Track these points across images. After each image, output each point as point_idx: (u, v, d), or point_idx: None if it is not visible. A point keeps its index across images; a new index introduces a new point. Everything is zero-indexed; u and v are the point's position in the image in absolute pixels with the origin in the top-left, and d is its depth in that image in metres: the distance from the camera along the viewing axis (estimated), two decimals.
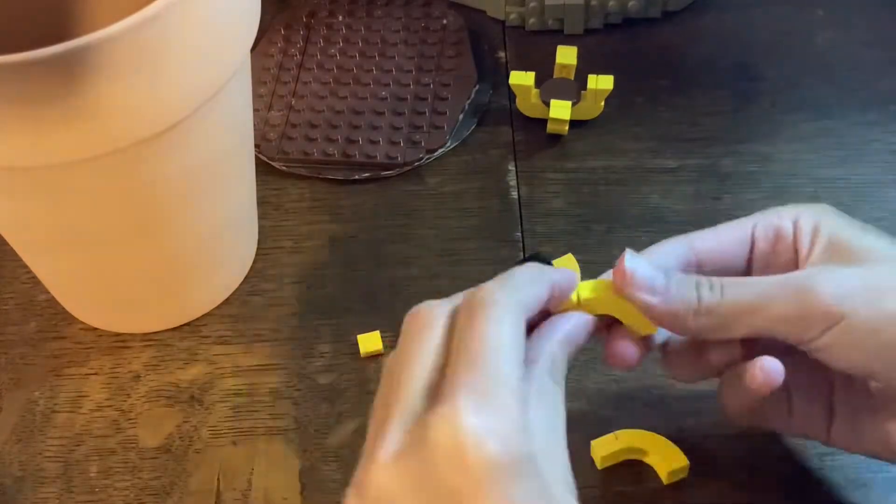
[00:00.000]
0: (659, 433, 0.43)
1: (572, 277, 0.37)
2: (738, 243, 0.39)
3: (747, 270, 0.39)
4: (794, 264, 0.38)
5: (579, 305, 0.36)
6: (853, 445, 0.39)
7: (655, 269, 0.36)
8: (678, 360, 0.39)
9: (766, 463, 0.43)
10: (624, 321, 0.37)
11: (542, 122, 0.56)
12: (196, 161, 0.42)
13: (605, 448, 0.42)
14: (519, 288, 0.35)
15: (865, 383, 0.37)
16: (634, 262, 0.36)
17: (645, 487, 0.42)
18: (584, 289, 0.37)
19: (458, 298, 0.36)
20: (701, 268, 0.39)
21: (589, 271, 0.50)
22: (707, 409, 0.44)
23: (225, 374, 0.48)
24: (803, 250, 0.37)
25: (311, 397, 0.47)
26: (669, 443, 0.42)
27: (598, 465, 0.42)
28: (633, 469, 0.43)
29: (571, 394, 0.36)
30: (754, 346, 0.38)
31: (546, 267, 0.37)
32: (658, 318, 0.36)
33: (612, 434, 0.43)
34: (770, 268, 0.38)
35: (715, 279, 0.36)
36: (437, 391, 0.32)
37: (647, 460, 0.43)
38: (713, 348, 0.38)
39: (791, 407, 0.39)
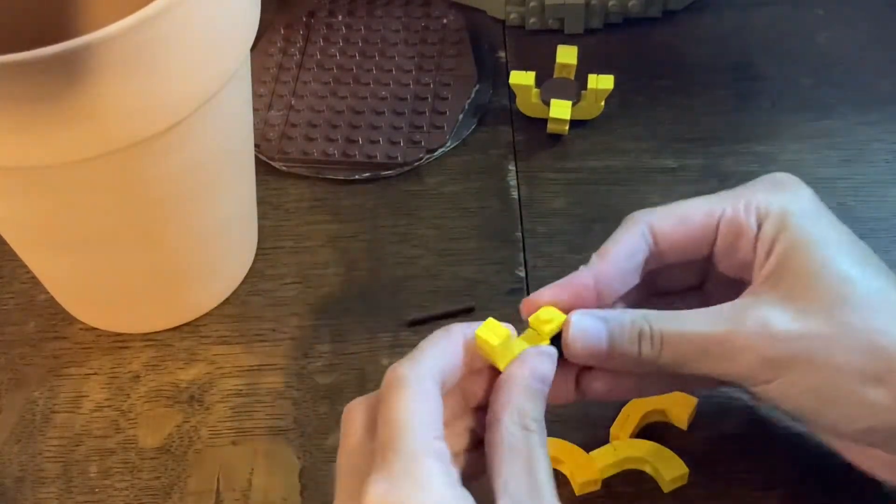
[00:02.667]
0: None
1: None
2: (703, 233, 0.38)
3: (708, 258, 0.38)
4: (748, 268, 0.37)
5: (496, 349, 0.35)
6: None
7: (598, 329, 0.36)
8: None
9: (767, 466, 0.43)
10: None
11: (542, 122, 0.56)
12: (196, 161, 0.42)
13: (603, 459, 0.42)
14: (424, 358, 0.34)
15: None
16: (576, 331, 0.36)
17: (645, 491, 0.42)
18: (489, 334, 0.35)
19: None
20: (662, 256, 0.38)
21: None
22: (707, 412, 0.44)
23: (225, 374, 0.48)
24: (758, 259, 0.36)
25: (311, 397, 0.46)
26: (667, 450, 0.42)
27: (599, 476, 0.42)
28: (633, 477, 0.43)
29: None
30: None
31: (453, 327, 0.36)
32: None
33: (609, 445, 0.43)
34: (728, 262, 0.38)
35: (655, 327, 0.36)
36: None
37: (647, 469, 0.43)
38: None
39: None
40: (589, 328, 0.36)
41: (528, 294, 0.49)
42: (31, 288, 0.51)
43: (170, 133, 0.39)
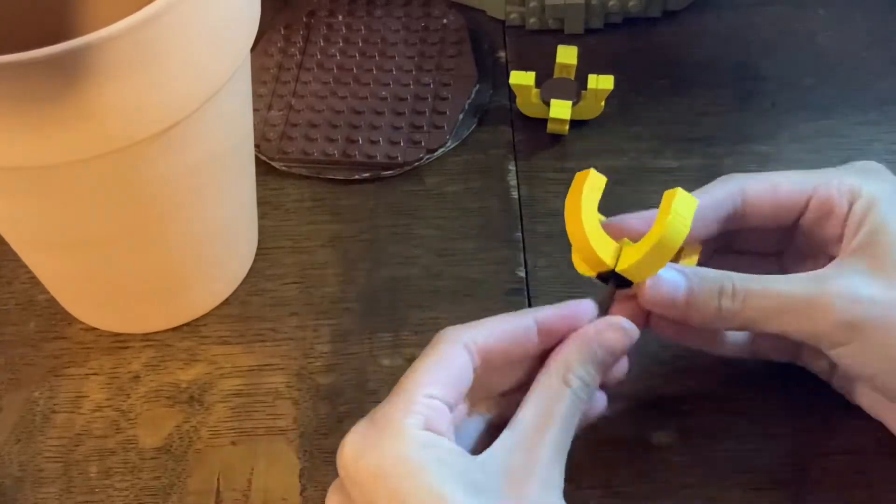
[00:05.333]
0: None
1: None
2: (793, 204, 0.40)
3: (790, 229, 0.41)
4: (837, 243, 0.39)
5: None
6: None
7: (677, 280, 0.38)
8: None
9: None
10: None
11: (543, 122, 0.56)
12: (196, 161, 0.42)
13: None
14: (475, 327, 0.36)
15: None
16: (657, 279, 0.38)
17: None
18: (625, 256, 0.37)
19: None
20: (746, 219, 0.40)
21: None
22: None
23: (225, 374, 0.48)
24: (847, 236, 0.39)
25: (311, 397, 0.46)
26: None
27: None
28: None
29: None
30: None
31: (527, 311, 0.38)
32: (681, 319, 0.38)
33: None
34: (814, 237, 0.40)
35: (738, 286, 0.38)
36: None
37: None
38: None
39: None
40: (665, 276, 0.38)
41: (529, 294, 0.49)
42: (31, 288, 0.51)
43: (170, 133, 0.39)
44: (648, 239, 0.37)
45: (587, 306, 0.38)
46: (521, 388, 0.37)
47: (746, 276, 0.38)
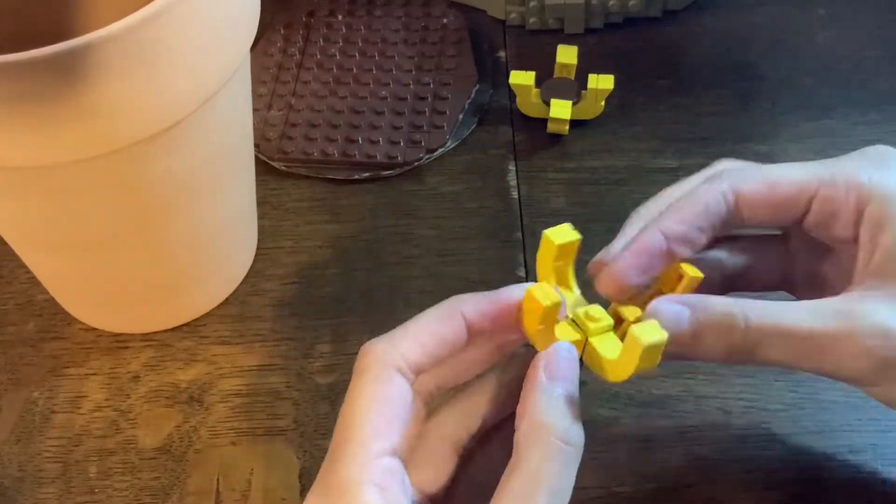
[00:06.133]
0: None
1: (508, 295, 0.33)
2: (793, 205, 0.35)
3: (795, 225, 0.36)
4: (845, 244, 0.35)
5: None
6: None
7: (679, 313, 0.33)
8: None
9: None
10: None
11: (543, 121, 0.56)
12: (196, 161, 0.42)
13: (560, 237, 0.35)
14: (403, 338, 0.32)
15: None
16: (658, 308, 0.33)
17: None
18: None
19: None
20: (742, 220, 0.35)
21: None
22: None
23: (225, 375, 0.48)
24: (863, 248, 0.34)
25: (311, 397, 0.46)
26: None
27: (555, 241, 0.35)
28: None
29: None
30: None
31: (451, 300, 0.33)
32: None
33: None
34: (819, 235, 0.36)
35: (753, 321, 0.33)
36: None
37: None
38: None
39: None
40: (665, 309, 0.33)
41: None
42: (30, 288, 0.51)
43: (170, 133, 0.39)
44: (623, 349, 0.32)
45: (515, 289, 0.34)
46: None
47: (757, 304, 0.33)
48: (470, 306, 0.33)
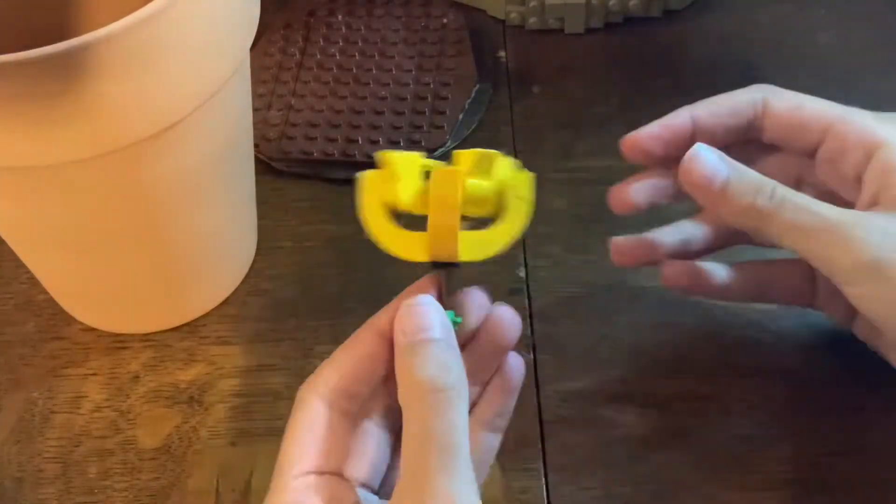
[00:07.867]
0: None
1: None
2: (811, 129, 0.39)
3: (810, 160, 0.39)
4: (851, 184, 0.38)
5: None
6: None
7: (718, 166, 0.36)
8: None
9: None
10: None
11: (543, 121, 0.56)
12: (195, 161, 0.42)
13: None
14: (319, 373, 0.34)
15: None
16: (697, 157, 0.37)
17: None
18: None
19: None
20: (764, 132, 0.39)
21: (589, 271, 0.50)
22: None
23: (224, 375, 0.48)
24: (867, 186, 0.37)
25: None
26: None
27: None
28: None
29: None
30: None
31: (366, 324, 0.36)
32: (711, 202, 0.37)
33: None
34: (831, 174, 0.39)
35: (779, 190, 0.36)
36: None
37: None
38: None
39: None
40: (712, 159, 0.36)
41: (529, 294, 0.49)
42: (30, 288, 0.51)
43: (170, 133, 0.39)
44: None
45: (421, 296, 0.35)
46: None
47: (787, 187, 0.36)
48: (380, 320, 0.36)
